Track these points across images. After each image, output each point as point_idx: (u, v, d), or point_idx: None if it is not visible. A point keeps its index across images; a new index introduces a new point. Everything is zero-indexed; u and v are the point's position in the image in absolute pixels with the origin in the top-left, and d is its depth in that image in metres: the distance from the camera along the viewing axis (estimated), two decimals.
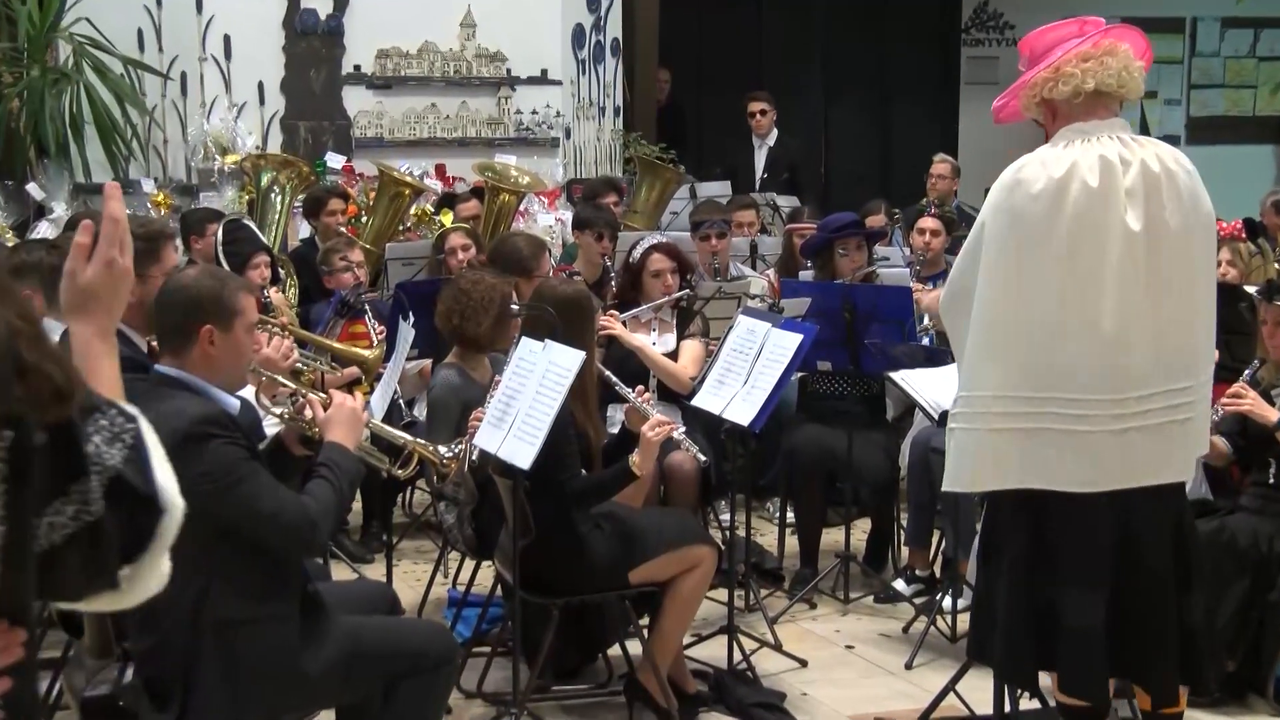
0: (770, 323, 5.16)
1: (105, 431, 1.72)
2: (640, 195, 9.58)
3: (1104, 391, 3.44)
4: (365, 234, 8.47)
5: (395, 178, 8.60)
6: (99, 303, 1.95)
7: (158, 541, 1.82)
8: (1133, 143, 3.53)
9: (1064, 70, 3.55)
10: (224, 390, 3.46)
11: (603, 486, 4.56)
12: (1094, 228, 3.44)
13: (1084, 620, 3.49)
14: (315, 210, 8.13)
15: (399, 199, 8.57)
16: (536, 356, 4.39)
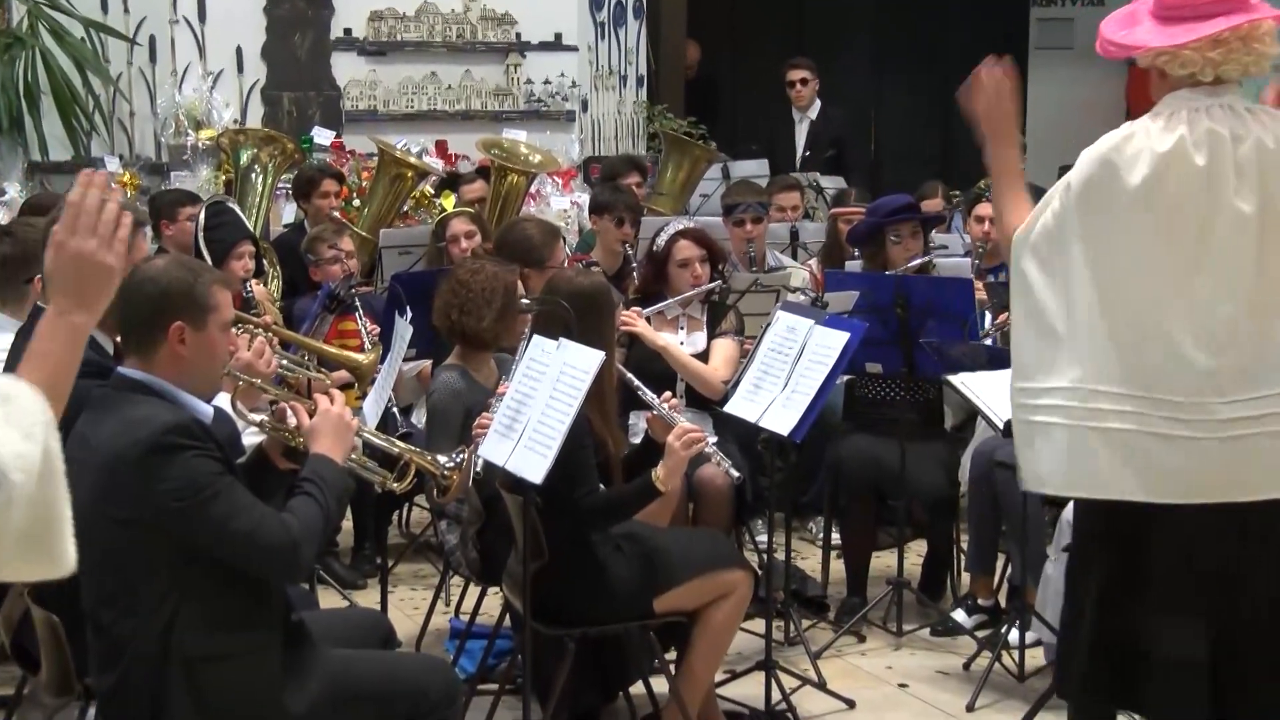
0: (813, 319, 5.14)
1: None
2: (666, 175, 9.58)
3: (1208, 394, 3.40)
4: (362, 220, 8.49)
5: (397, 157, 8.62)
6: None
7: None
8: (1247, 115, 3.46)
9: (1183, 55, 3.48)
10: (195, 396, 3.46)
11: (624, 504, 4.56)
12: (1198, 209, 3.40)
13: (1181, 652, 3.46)
14: (306, 192, 8.16)
15: (400, 181, 8.58)
16: (549, 357, 4.39)
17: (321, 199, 8.09)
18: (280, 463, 3.81)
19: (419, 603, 6.24)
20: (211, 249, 6.50)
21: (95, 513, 3.29)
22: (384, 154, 8.65)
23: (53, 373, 2.15)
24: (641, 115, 10.88)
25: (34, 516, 1.97)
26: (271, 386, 3.97)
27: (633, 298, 6.22)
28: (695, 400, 5.91)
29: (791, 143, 10.59)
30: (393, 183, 8.58)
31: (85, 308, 2.20)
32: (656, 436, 4.68)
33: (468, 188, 8.69)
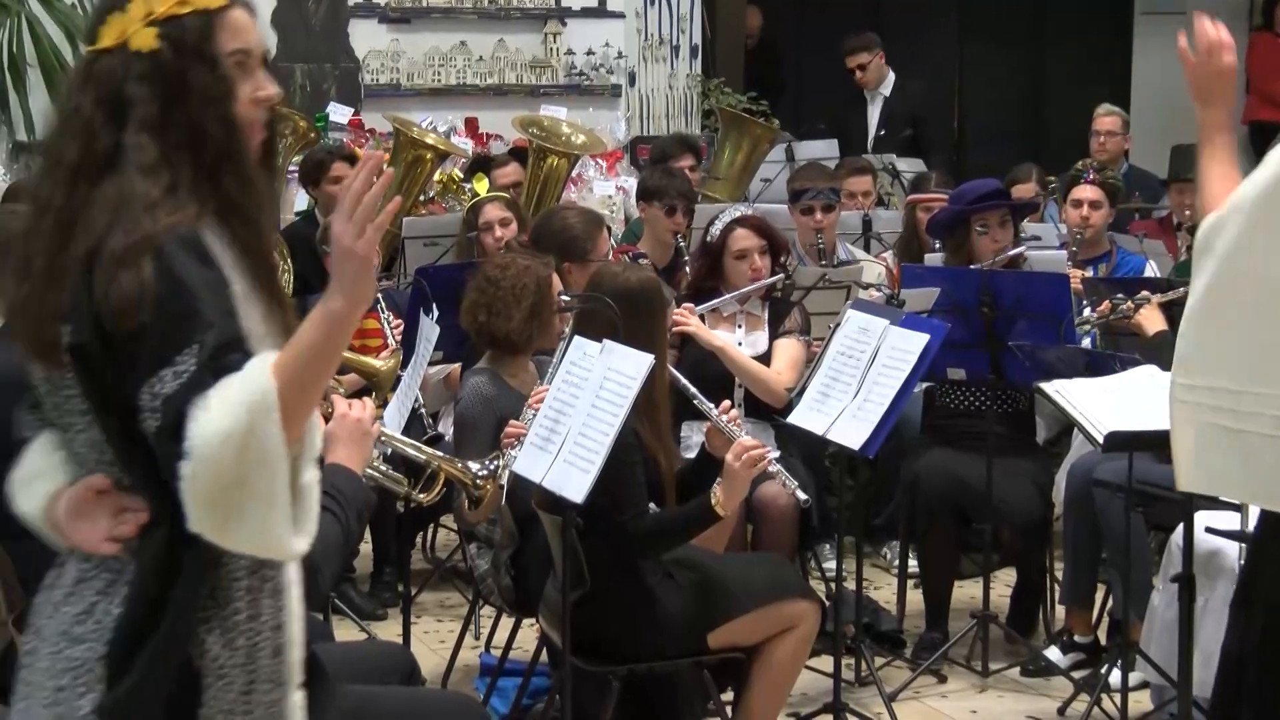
0: (888, 319, 5.14)
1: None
2: (723, 158, 9.60)
3: None
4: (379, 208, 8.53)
5: (413, 137, 8.66)
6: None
7: (182, 485, 2.27)
8: None
9: None
10: None
11: (677, 527, 4.57)
12: None
13: None
14: (315, 177, 8.20)
15: (419, 165, 8.62)
16: (592, 361, 4.40)
17: (333, 185, 8.12)
18: None
19: (445, 635, 6.27)
20: None
21: None
22: (399, 134, 8.67)
23: (295, 353, 2.33)
24: (695, 90, 10.89)
25: (220, 487, 2.26)
26: None
27: (685, 294, 6.23)
28: (755, 408, 5.91)
29: (864, 121, 10.57)
30: (410, 167, 8.60)
31: (341, 294, 2.35)
32: (714, 451, 4.69)
33: (501, 171, 8.71)
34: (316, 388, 2.37)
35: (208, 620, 2.49)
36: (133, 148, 2.47)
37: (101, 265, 2.39)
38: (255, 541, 2.34)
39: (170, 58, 2.48)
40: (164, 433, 2.29)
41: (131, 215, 2.41)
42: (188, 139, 2.48)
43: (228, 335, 2.33)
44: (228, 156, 2.51)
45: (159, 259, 2.37)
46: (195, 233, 2.43)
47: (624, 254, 6.83)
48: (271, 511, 2.31)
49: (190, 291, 2.36)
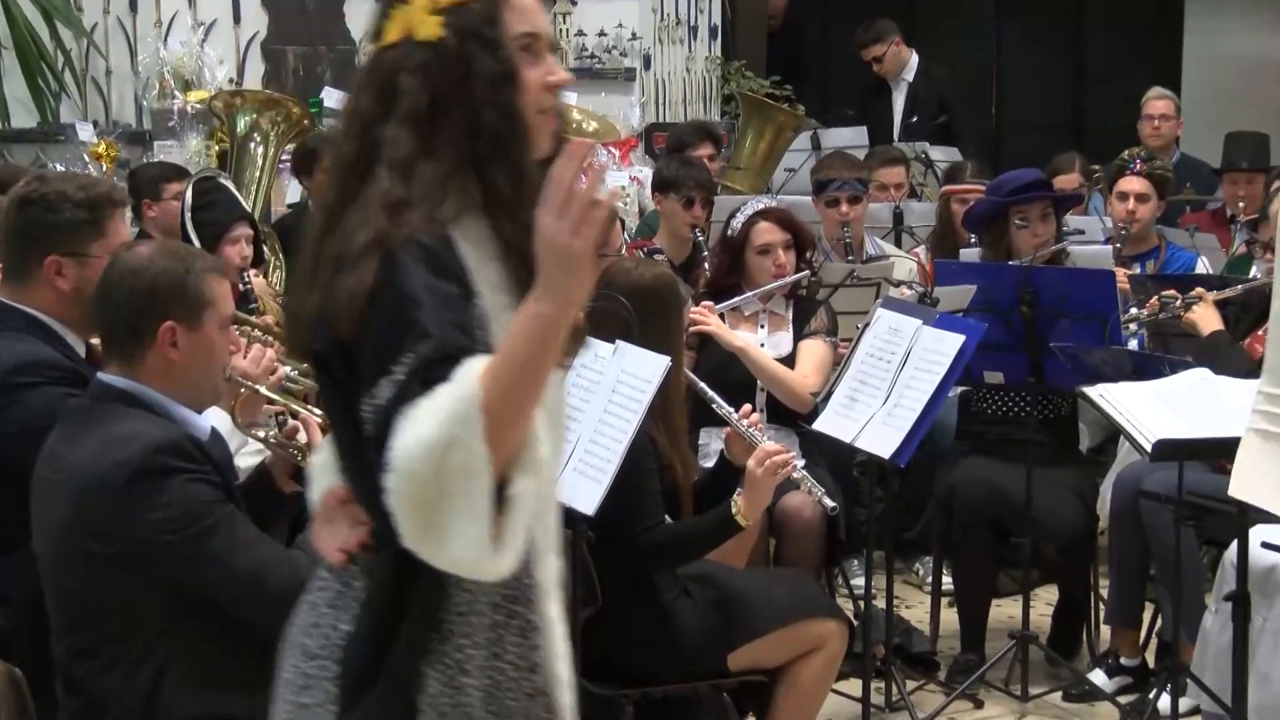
0: (921, 319, 5.13)
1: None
2: (744, 146, 9.60)
3: None
4: None
5: None
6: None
7: (387, 498, 2.27)
8: None
9: None
10: (190, 408, 3.49)
11: (694, 540, 4.57)
12: None
13: None
14: (307, 166, 8.19)
15: None
16: (604, 364, 4.40)
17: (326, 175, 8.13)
18: (286, 486, 3.84)
19: None
20: (200, 232, 6.50)
21: (69, 546, 3.33)
22: None
23: (501, 362, 2.29)
24: (715, 74, 10.88)
25: (421, 501, 2.26)
26: (278, 395, 4.00)
27: (703, 291, 6.23)
28: (778, 414, 5.91)
29: (889, 108, 10.56)
30: None
31: (549, 297, 2.27)
32: (735, 459, 4.69)
33: None
34: (527, 399, 2.31)
35: (428, 655, 2.45)
36: (389, 141, 2.48)
37: (340, 268, 2.41)
38: (457, 558, 2.31)
39: (453, 44, 2.48)
40: (374, 444, 2.30)
41: (371, 214, 2.42)
42: (461, 129, 2.47)
43: (447, 348, 2.30)
44: (504, 147, 2.50)
45: (387, 264, 2.37)
46: (437, 239, 2.41)
47: (638, 249, 6.84)
48: (471, 527, 2.29)
49: (413, 300, 2.34)
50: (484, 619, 2.48)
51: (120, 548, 3.28)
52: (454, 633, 2.46)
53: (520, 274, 2.41)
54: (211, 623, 3.35)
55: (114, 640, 3.34)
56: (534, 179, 2.42)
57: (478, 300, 2.42)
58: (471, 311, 2.40)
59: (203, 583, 3.32)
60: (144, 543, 3.27)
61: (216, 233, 6.44)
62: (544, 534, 2.56)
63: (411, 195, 2.43)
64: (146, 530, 3.27)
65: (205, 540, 3.29)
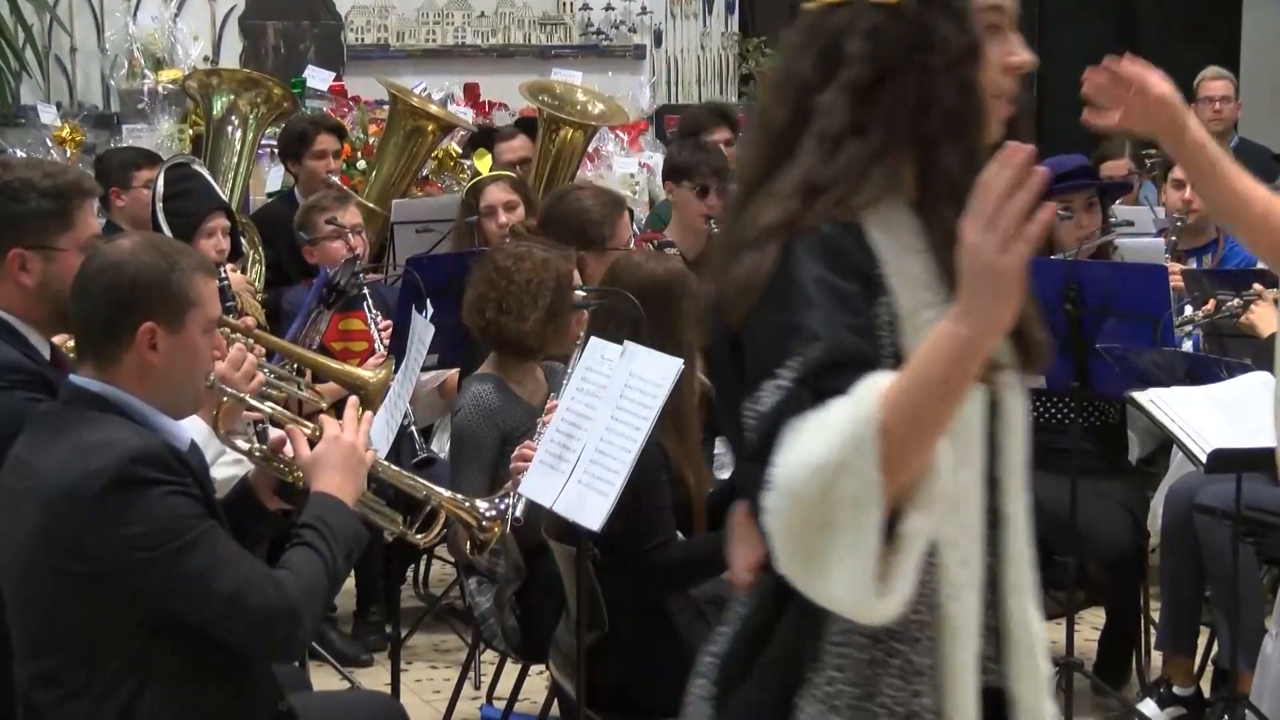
0: None
1: None
2: None
3: None
4: (369, 187, 8.55)
5: (414, 106, 8.68)
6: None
7: (764, 518, 2.23)
8: None
9: None
10: (168, 415, 3.51)
11: (709, 558, 4.57)
12: None
13: None
14: (296, 151, 8.22)
15: (419, 137, 8.64)
16: (612, 367, 4.41)
17: (316, 160, 8.15)
18: (270, 502, 3.86)
19: (441, 684, 6.29)
20: (172, 224, 6.51)
21: (36, 562, 3.35)
22: (397, 101, 8.71)
23: (907, 385, 2.21)
24: (732, 51, 10.90)
25: (803, 527, 2.20)
26: (261, 404, 4.01)
27: None
28: None
29: None
30: (408, 139, 8.63)
31: (972, 318, 2.21)
32: None
33: (506, 146, 8.72)
34: (933, 427, 2.22)
35: (801, 684, 2.41)
36: (823, 110, 2.41)
37: (739, 251, 2.37)
38: (835, 596, 2.24)
39: (913, 9, 2.42)
40: (753, 454, 2.25)
41: (783, 194, 2.38)
42: (908, 104, 2.41)
43: (838, 353, 2.24)
44: (957, 128, 2.43)
45: (786, 255, 2.33)
46: (844, 227, 2.36)
47: (648, 242, 6.85)
48: (855, 563, 2.20)
49: (804, 296, 2.29)
50: (861, 654, 2.41)
51: (92, 564, 3.30)
52: (828, 663, 2.40)
53: (953, 269, 2.29)
54: (189, 647, 3.37)
55: (83, 665, 3.36)
56: (983, 166, 2.30)
57: (888, 298, 2.36)
58: (875, 312, 2.34)
59: (180, 603, 3.34)
60: (118, 559, 3.29)
61: (190, 224, 6.46)
62: (960, 566, 2.44)
63: (830, 176, 2.38)
64: (121, 546, 3.28)
65: (184, 557, 3.31)
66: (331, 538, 3.52)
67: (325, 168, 8.12)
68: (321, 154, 8.15)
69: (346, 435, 3.69)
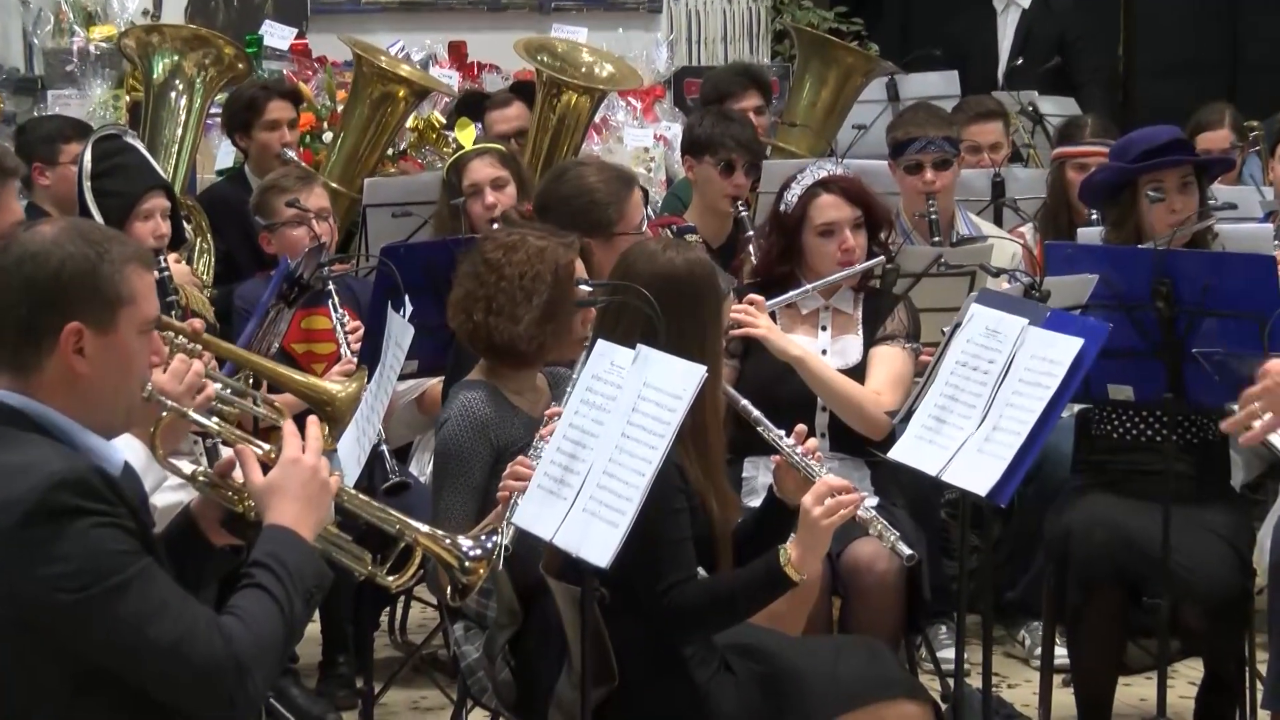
0: (1027, 317, 5.14)
1: None
2: (801, 96, 9.60)
3: None
4: (331, 164, 8.55)
5: (381, 67, 8.68)
6: None
7: None
8: None
9: None
10: (98, 433, 3.50)
11: (736, 599, 4.57)
12: None
13: None
14: (244, 121, 8.23)
15: (389, 105, 8.64)
16: (622, 375, 4.41)
17: (267, 131, 8.16)
18: (216, 536, 3.84)
19: None
20: (103, 205, 6.51)
21: None
22: (362, 62, 8.69)
23: None
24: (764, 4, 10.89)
25: None
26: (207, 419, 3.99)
27: (749, 283, 6.23)
28: (844, 440, 5.91)
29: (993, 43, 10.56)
30: (376, 107, 8.62)
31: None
32: (786, 496, 4.70)
33: (499, 115, 8.73)
34: None
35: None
36: None
37: None
38: None
39: None
40: None
41: None
42: None
43: None
44: None
45: None
46: None
47: (665, 227, 6.84)
48: None
49: None
50: None
51: (8, 609, 3.29)
52: None
53: None
54: (123, 706, 3.36)
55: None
56: None
57: None
58: None
59: (111, 655, 3.32)
60: (38, 603, 3.28)
61: (123, 205, 6.45)
62: None
63: None
64: (41, 587, 3.27)
65: (114, 601, 3.29)
66: (288, 578, 3.51)
67: (279, 140, 8.12)
68: (274, 124, 8.15)
69: (307, 457, 3.67)
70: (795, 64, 9.91)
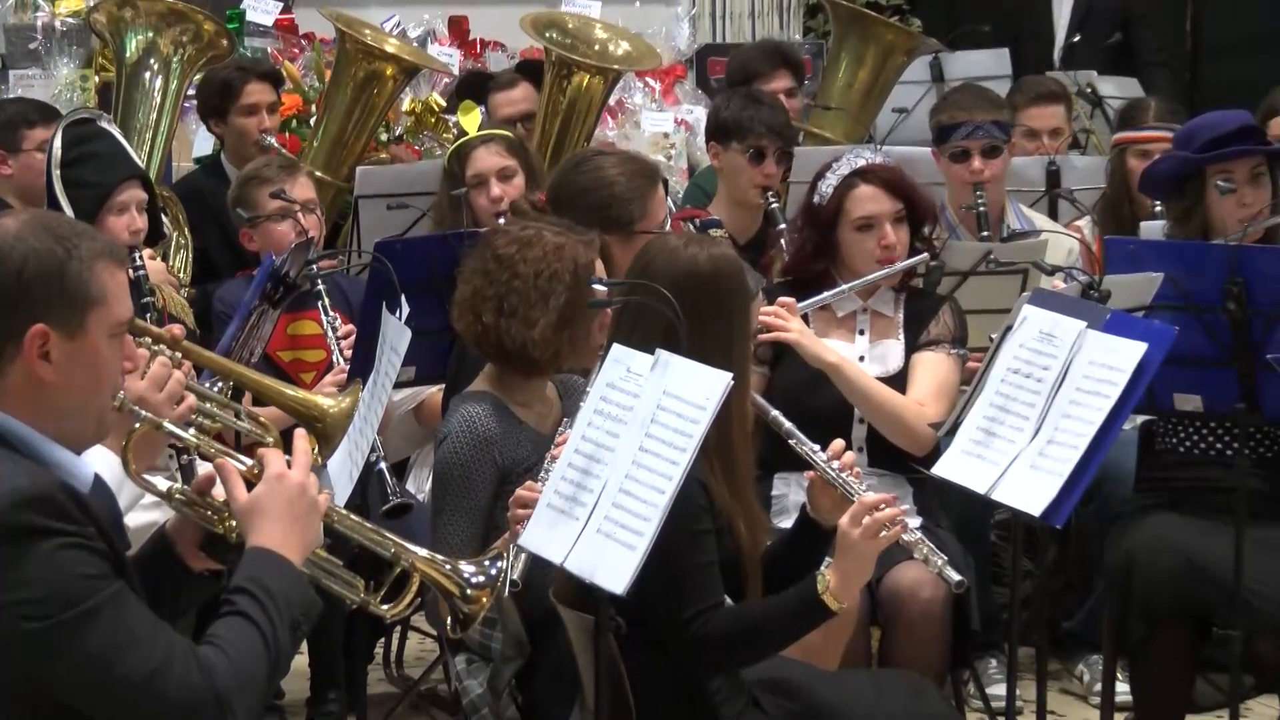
0: (1085, 320, 5.14)
1: None
2: (837, 77, 9.60)
3: None
4: (314, 150, 8.55)
5: (366, 44, 8.68)
6: None
7: None
8: None
9: None
10: (66, 446, 3.51)
11: (765, 629, 4.57)
12: None
13: None
14: (219, 105, 8.24)
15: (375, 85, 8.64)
16: (640, 383, 4.41)
17: (245, 116, 8.17)
18: (194, 559, 3.85)
19: None
20: (74, 196, 6.53)
21: None
22: (345, 37, 8.67)
23: None
24: None
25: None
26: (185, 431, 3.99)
27: (780, 282, 6.24)
28: (883, 455, 5.92)
29: (1048, 18, 10.57)
30: (361, 87, 8.61)
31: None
32: (821, 516, 4.71)
33: (504, 97, 8.74)
34: None
35: None
36: None
37: None
38: None
39: None
40: None
41: None
42: None
43: None
44: None
45: None
46: None
47: (687, 221, 6.84)
48: None
49: None
50: None
51: None
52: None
53: None
54: None
55: None
56: None
57: None
58: None
59: (78, 689, 3.33)
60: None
61: (97, 197, 6.47)
62: None
63: None
64: (3, 614, 3.28)
65: (83, 630, 3.30)
66: (273, 605, 3.51)
67: (258, 126, 8.13)
68: (252, 109, 8.16)
69: (294, 473, 3.67)
70: (830, 41, 9.91)
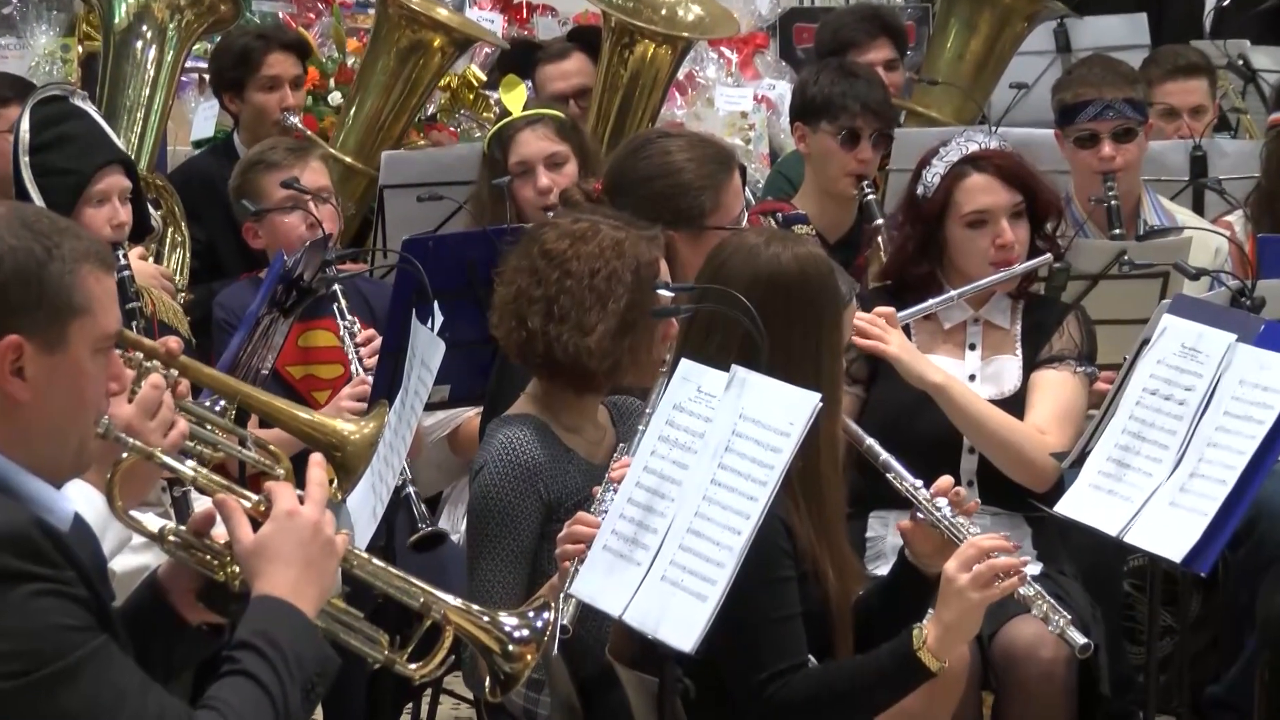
0: (1235, 332, 5.14)
1: None
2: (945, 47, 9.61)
3: None
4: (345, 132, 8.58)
5: (414, 8, 8.70)
6: None
7: None
8: None
9: None
10: (43, 477, 3.53)
11: (856, 692, 4.58)
12: None
13: None
14: (236, 79, 8.28)
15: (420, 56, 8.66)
16: (714, 404, 4.42)
17: (266, 91, 8.21)
18: (190, 611, 3.87)
19: None
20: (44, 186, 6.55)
21: None
22: (386, 3, 8.71)
23: None
24: None
25: None
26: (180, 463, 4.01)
27: (877, 287, 6.24)
28: (997, 491, 5.91)
29: None
30: (404, 60, 8.64)
31: None
32: (922, 561, 4.72)
33: (555, 69, 8.76)
34: None
35: None
36: None
37: None
38: None
39: None
40: None
41: None
42: None
43: None
44: None
45: None
46: None
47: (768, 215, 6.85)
48: None
49: None
50: None
51: None
52: None
53: None
54: None
55: None
56: None
57: None
58: None
59: None
60: None
61: (71, 186, 6.48)
62: None
63: None
64: None
65: (61, 690, 3.32)
66: (282, 663, 3.53)
67: (280, 103, 8.17)
68: (274, 82, 8.20)
69: (307, 510, 3.68)
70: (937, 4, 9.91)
